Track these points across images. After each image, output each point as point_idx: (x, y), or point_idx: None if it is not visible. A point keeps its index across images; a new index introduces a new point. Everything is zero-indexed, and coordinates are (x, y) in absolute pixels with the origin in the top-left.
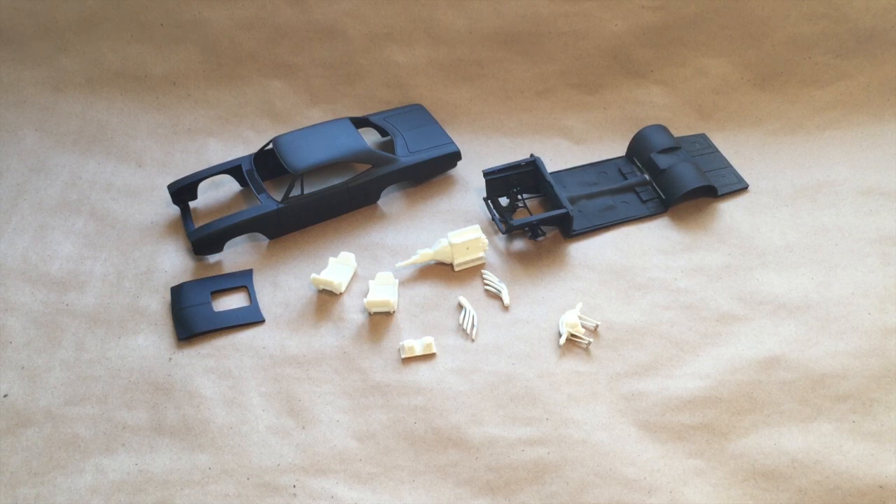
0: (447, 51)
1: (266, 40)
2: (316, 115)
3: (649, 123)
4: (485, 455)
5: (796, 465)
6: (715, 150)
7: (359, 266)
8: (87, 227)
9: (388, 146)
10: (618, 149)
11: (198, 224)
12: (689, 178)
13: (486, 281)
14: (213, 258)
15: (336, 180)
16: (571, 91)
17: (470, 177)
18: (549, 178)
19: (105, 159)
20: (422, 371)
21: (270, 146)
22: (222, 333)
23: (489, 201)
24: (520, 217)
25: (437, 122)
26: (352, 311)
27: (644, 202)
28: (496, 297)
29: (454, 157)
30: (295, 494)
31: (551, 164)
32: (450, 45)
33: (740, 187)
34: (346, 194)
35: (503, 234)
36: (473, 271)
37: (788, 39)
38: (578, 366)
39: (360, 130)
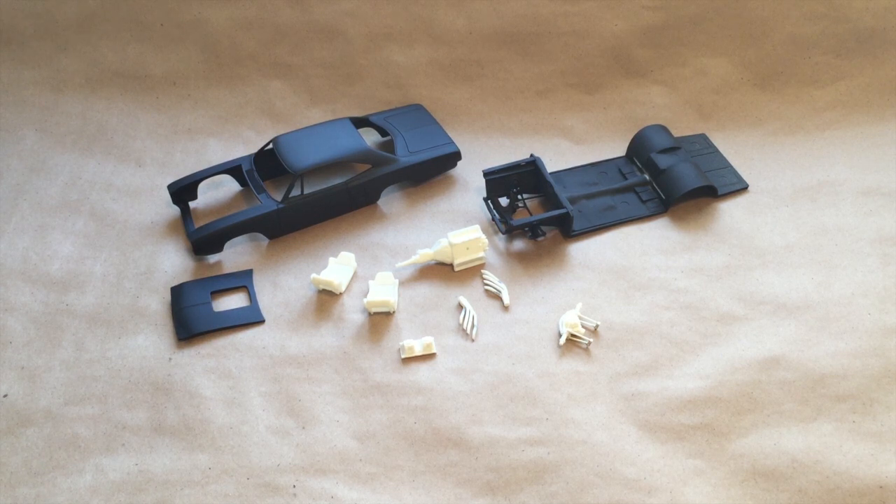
0: (447, 51)
1: (266, 40)
2: (316, 115)
3: (649, 123)
4: (485, 455)
5: (796, 465)
6: (715, 150)
7: (359, 266)
8: (87, 227)
9: (388, 146)
10: (618, 149)
11: (198, 224)
12: (689, 178)
13: (486, 281)
14: (213, 258)
15: (336, 180)
16: (571, 91)
17: (470, 177)
18: (549, 178)
19: (105, 159)
20: (422, 371)
21: (270, 146)
22: (222, 333)
23: (489, 201)
24: (520, 217)
25: (437, 122)
26: (352, 311)
27: (644, 202)
28: (496, 297)
29: (454, 157)
30: (295, 494)
31: (551, 164)
32: (450, 45)
33: (740, 187)
34: (346, 194)
35: (503, 234)
36: (473, 271)
37: (788, 39)
38: (578, 366)
39: (360, 130)
